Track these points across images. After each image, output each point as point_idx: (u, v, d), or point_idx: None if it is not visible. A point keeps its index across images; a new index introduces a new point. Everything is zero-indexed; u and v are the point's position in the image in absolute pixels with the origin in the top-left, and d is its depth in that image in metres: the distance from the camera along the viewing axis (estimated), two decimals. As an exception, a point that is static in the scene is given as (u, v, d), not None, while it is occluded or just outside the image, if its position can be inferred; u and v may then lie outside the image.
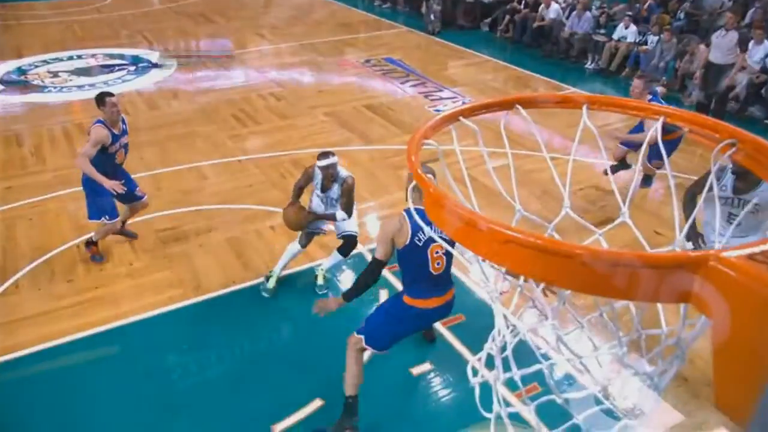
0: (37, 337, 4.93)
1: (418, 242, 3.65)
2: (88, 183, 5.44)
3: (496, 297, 1.46)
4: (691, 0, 11.86)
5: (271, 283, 5.38)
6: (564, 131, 8.06)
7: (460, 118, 1.52)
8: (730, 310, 0.92)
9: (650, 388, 1.64)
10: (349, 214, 5.05)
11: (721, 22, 9.86)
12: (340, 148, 8.21)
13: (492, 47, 13.78)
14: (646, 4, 12.17)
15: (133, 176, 7.57)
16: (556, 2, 13.23)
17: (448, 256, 3.79)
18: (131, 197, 5.80)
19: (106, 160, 5.45)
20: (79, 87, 11.07)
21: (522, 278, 1.73)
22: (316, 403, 4.05)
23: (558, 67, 12.45)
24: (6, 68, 12.03)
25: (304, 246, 5.36)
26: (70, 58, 12.74)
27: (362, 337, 3.84)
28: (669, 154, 6.21)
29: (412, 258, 3.72)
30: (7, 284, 5.58)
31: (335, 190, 5.00)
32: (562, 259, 0.99)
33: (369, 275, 3.78)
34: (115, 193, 5.29)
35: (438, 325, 5.01)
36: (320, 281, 5.52)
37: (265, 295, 5.36)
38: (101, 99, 5.42)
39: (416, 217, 3.17)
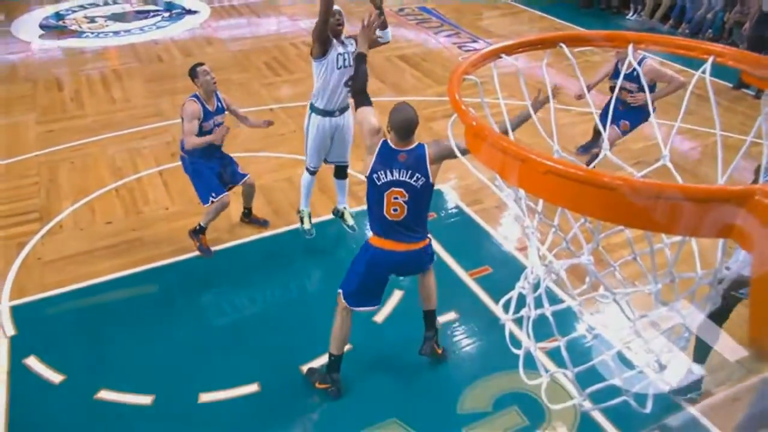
0: (81, 275, 5.12)
1: (376, 180, 3.51)
2: (190, 166, 5.16)
3: (532, 233, 1.46)
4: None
5: (307, 223, 5.38)
6: (600, 85, 7.87)
7: (502, 55, 1.50)
8: (772, 243, 0.91)
9: (680, 333, 1.64)
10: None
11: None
12: (372, 98, 8.15)
13: (528, -4, 13.42)
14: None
15: (168, 122, 7.68)
16: (598, -50, 12.77)
17: (414, 206, 3.55)
18: (233, 176, 5.33)
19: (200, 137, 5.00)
20: (115, 33, 11.14)
21: (557, 220, 1.73)
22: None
23: (597, 18, 12.07)
24: (44, 13, 12.15)
25: (313, 173, 5.27)
26: (106, 3, 12.77)
27: (341, 291, 3.81)
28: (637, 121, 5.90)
29: (371, 192, 3.61)
30: (51, 224, 5.76)
31: (350, 46, 4.78)
32: (602, 190, 0.97)
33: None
34: (218, 142, 5.05)
35: (464, 276, 5.05)
36: (350, 221, 5.51)
37: (309, 236, 5.38)
38: (193, 71, 4.97)
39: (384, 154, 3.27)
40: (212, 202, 5.06)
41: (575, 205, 1.08)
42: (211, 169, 5.14)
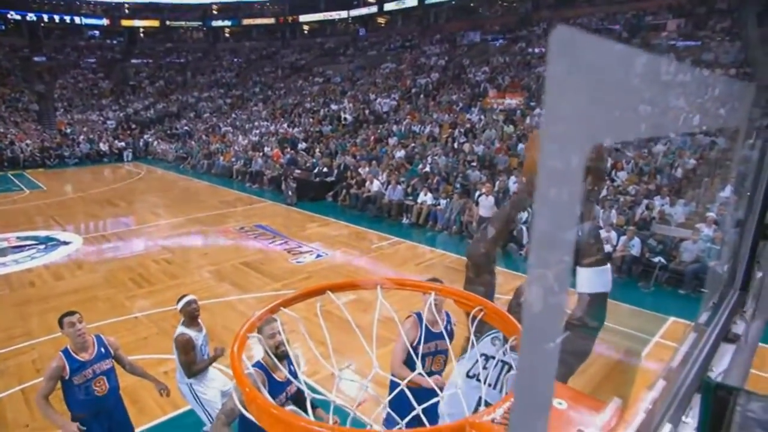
0: None
1: None
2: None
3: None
4: (463, 176, 13.28)
5: None
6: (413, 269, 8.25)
7: (282, 308, 1.44)
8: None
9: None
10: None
11: (482, 190, 11.03)
12: (222, 299, 7.71)
13: (335, 212, 14.16)
14: (435, 179, 13.40)
15: (35, 341, 6.49)
16: (377, 179, 14.14)
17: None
18: None
19: (76, 393, 3.43)
20: (-10, 266, 9.55)
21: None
22: None
23: (382, 223, 12.95)
24: None
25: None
26: (-17, 242, 11.09)
27: None
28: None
29: None
30: None
31: (203, 329, 4.26)
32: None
33: None
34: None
35: None
36: None
37: None
38: (60, 322, 3.48)
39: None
40: None
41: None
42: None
